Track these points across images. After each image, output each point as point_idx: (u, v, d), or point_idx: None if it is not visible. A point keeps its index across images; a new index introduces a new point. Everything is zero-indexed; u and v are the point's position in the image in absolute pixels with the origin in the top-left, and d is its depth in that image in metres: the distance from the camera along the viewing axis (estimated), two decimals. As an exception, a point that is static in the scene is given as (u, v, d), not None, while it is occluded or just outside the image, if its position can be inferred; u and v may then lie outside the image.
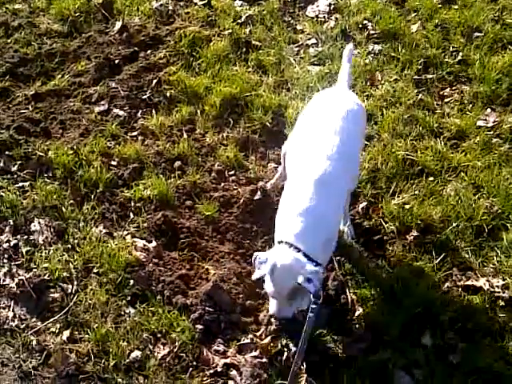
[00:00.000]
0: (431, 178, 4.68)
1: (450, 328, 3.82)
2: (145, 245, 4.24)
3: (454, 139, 5.02)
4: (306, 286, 3.33)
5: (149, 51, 5.83)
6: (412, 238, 4.29)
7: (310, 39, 6.00)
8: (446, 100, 5.43)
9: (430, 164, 4.76)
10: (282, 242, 3.53)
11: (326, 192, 3.60)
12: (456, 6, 6.31)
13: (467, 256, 4.21)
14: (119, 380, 3.56)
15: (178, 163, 4.79)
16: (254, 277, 3.59)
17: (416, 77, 5.57)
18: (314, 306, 3.33)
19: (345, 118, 3.86)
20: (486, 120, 5.18)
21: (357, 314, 3.88)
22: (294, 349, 3.65)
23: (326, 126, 3.83)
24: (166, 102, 5.32)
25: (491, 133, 5.06)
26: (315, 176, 3.61)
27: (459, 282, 4.08)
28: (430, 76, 5.60)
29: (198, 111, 5.21)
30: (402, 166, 4.74)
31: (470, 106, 5.33)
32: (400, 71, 5.61)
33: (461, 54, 5.80)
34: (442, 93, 5.50)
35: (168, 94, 5.36)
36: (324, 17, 6.24)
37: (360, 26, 6.10)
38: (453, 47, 5.87)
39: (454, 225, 4.34)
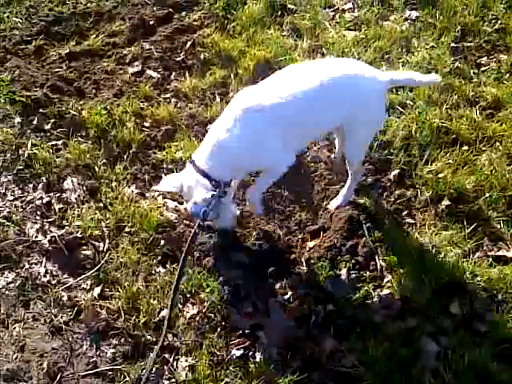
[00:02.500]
0: (465, 147, 4.61)
1: (479, 297, 3.79)
2: (176, 206, 4.28)
3: (490, 109, 4.94)
4: (193, 210, 3.66)
5: (183, 13, 5.82)
6: (444, 206, 4.26)
7: (345, 4, 5.92)
8: (482, 69, 5.33)
9: (465, 133, 4.69)
10: (192, 161, 3.72)
11: (247, 119, 3.60)
12: (496, -27, 6.16)
13: (499, 226, 4.17)
14: (148, 337, 3.61)
15: (210, 126, 4.76)
16: (157, 187, 3.95)
17: (453, 44, 5.47)
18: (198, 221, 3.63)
19: (327, 77, 3.68)
20: (523, 89, 5.07)
21: (385, 280, 3.88)
22: (322, 312, 3.69)
23: (301, 76, 3.72)
24: (199, 65, 5.32)
25: (529, 102, 4.95)
26: (245, 103, 3.63)
27: (490, 252, 4.05)
28: (468, 44, 5.50)
29: (232, 74, 5.18)
30: (437, 134, 4.67)
31: (507, 75, 5.22)
32: (437, 38, 5.52)
33: (499, 22, 5.68)
34: (478, 61, 5.40)
35: (202, 57, 5.36)
36: (361, -19, 6.13)
37: (398, -9, 5.99)
38: (492, 15, 5.75)
39: (487, 195, 4.28)
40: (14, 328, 3.70)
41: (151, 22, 5.66)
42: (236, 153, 3.64)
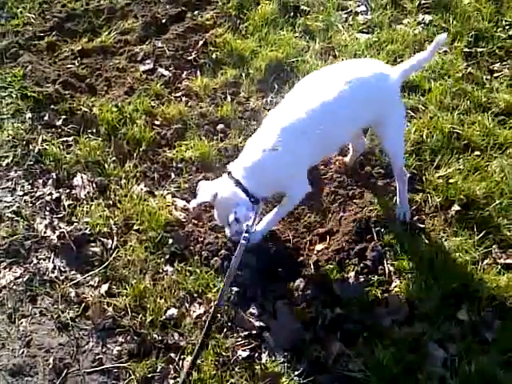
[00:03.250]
0: (477, 153, 4.60)
1: (487, 305, 3.77)
2: (185, 205, 4.28)
3: (502, 115, 4.91)
4: (233, 226, 3.67)
5: (196, 12, 5.82)
6: (454, 212, 4.24)
7: (359, 6, 5.92)
8: (495, 75, 5.30)
9: (477, 139, 4.67)
10: (230, 173, 3.74)
11: (285, 138, 3.64)
12: (511, -21, 6.13)
13: (508, 234, 4.14)
14: (155, 335, 3.60)
15: (220, 126, 4.79)
16: (193, 203, 3.84)
17: (466, 49, 5.46)
18: (246, 235, 3.57)
19: (345, 83, 3.72)
20: (535, 97, 5.04)
21: (393, 285, 3.87)
22: (329, 315, 3.68)
23: (324, 84, 3.77)
24: (211, 64, 5.32)
25: (541, 110, 4.92)
26: (283, 120, 3.69)
27: (499, 259, 4.03)
28: (481, 49, 5.48)
29: (243, 74, 5.19)
30: (448, 140, 4.66)
31: (521, 81, 5.20)
32: (450, 43, 5.50)
33: (513, 28, 5.64)
34: (491, 67, 5.38)
35: (213, 56, 5.36)
36: (375, -16, 6.12)
37: (412, -6, 5.98)
38: (505, 21, 5.72)
39: (498, 202, 4.26)
40: (21, 323, 3.71)
41: (164, 21, 5.67)
42: (275, 172, 3.72)
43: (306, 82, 3.89)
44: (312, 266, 3.97)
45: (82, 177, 4.41)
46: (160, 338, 3.60)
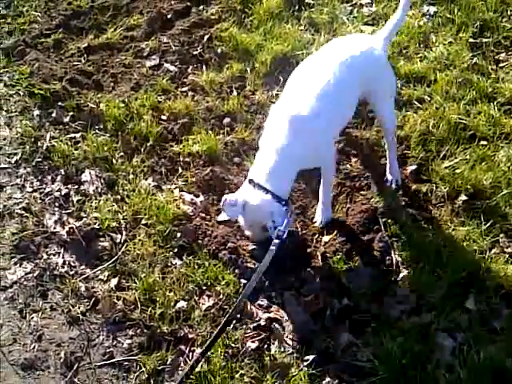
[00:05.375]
0: (483, 143, 4.59)
1: (495, 294, 3.77)
2: (192, 199, 4.30)
3: (509, 104, 4.89)
4: (273, 232, 3.59)
5: (201, 7, 5.83)
6: (461, 202, 4.24)
7: (363, -1, 5.90)
8: (501, 65, 5.28)
9: (483, 129, 4.66)
10: (252, 181, 3.69)
11: (297, 131, 3.65)
12: (516, -33, 6.11)
13: (516, 223, 4.15)
14: (164, 328, 3.63)
15: (227, 120, 4.80)
16: (221, 218, 3.90)
17: (471, 40, 5.43)
18: (276, 241, 3.54)
19: (341, 63, 3.82)
20: (542, 86, 5.03)
21: (401, 275, 3.87)
22: (337, 306, 3.70)
23: (316, 69, 3.85)
24: (216, 59, 5.33)
25: (547, 99, 4.91)
26: (289, 114, 3.68)
27: (506, 248, 4.02)
28: (486, 40, 5.46)
29: (249, 68, 5.20)
30: (454, 130, 4.64)
31: (526, 71, 5.18)
32: (455, 34, 5.48)
33: (519, 17, 5.62)
34: (497, 57, 5.35)
35: (219, 51, 5.37)
36: (379, -24, 6.11)
37: (416, -14, 5.96)
38: (510, 10, 5.68)
39: (505, 192, 4.25)
40: (32, 318, 3.74)
41: (169, 16, 5.69)
42: (298, 163, 3.74)
43: (301, 71, 3.93)
44: (320, 258, 3.99)
45: (90, 172, 4.44)
46: (170, 330, 3.62)
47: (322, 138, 3.82)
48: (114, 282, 3.86)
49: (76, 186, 4.38)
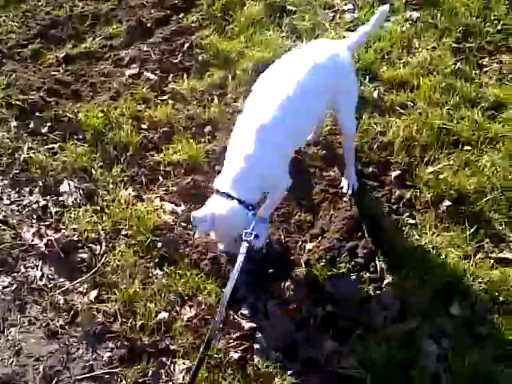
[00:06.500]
0: (467, 148, 4.57)
1: (480, 299, 3.74)
2: (173, 208, 4.24)
3: (492, 109, 4.88)
4: (248, 240, 3.43)
5: (181, 14, 5.79)
6: (445, 207, 4.21)
7: (346, 4, 5.88)
8: (484, 69, 5.28)
9: (467, 134, 4.64)
10: (217, 191, 3.59)
11: (263, 138, 3.57)
12: (498, -27, 6.13)
13: (500, 228, 4.11)
14: (145, 340, 3.56)
15: (208, 128, 4.75)
16: (197, 235, 3.73)
17: (454, 45, 5.42)
18: (245, 244, 3.40)
19: (305, 69, 3.75)
20: (525, 89, 5.02)
21: (385, 282, 3.83)
22: (321, 313, 3.64)
23: (282, 76, 3.77)
24: (197, 66, 5.29)
25: (530, 102, 4.90)
26: (255, 122, 3.60)
27: (491, 253, 3.99)
28: (469, 45, 5.45)
29: (230, 76, 5.15)
30: (438, 135, 4.62)
31: (510, 75, 5.18)
32: (438, 39, 5.48)
33: (502, 22, 5.62)
34: (480, 62, 5.35)
35: (200, 58, 5.33)
36: (361, -19, 6.10)
37: (398, -9, 5.96)
38: (493, 15, 5.70)
39: (489, 196, 4.23)
40: (10, 332, 3.66)
41: (149, 24, 5.65)
42: (262, 173, 3.60)
43: (266, 80, 3.85)
44: (303, 265, 3.93)
45: (68, 183, 4.38)
46: (151, 342, 3.56)
47: (282, 148, 3.69)
48: (93, 294, 3.78)
49: (54, 198, 4.31)
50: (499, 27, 5.60)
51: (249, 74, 5.10)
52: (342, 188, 4.34)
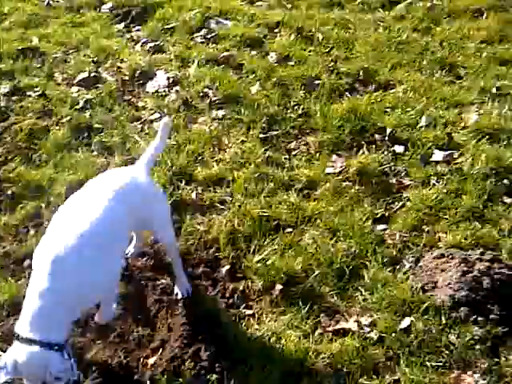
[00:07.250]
0: (288, 230, 4.70)
1: (326, 375, 3.76)
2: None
3: (306, 189, 5.09)
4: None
5: (-17, 154, 5.63)
6: (278, 291, 4.26)
7: (152, 114, 6.00)
8: (293, 153, 5.51)
9: (286, 217, 4.79)
10: (17, 336, 3.33)
11: (58, 272, 3.37)
12: (292, 63, 6.55)
13: (333, 300, 4.21)
14: None
15: (27, 262, 4.54)
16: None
17: (262, 135, 5.65)
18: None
19: (104, 198, 3.68)
20: (333, 166, 5.29)
21: (232, 382, 3.75)
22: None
23: (78, 207, 3.69)
24: (8, 201, 5.13)
25: (340, 177, 5.15)
26: (48, 255, 3.41)
27: (328, 327, 4.06)
28: (275, 132, 5.70)
29: (43, 204, 5.03)
30: (259, 224, 4.72)
31: (317, 154, 5.43)
32: (246, 132, 5.69)
33: (302, 106, 5.95)
34: (288, 147, 5.59)
35: (9, 192, 5.19)
36: (164, 90, 6.29)
37: (201, 94, 6.17)
38: (293, 101, 6.03)
39: (316, 272, 4.34)
40: None
41: None
42: (67, 304, 3.37)
43: (62, 212, 3.71)
44: (148, 382, 3.79)
45: None
46: None
47: (87, 277, 3.44)
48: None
49: None
50: (300, 111, 5.91)
51: (63, 198, 4.97)
52: (176, 295, 4.29)
